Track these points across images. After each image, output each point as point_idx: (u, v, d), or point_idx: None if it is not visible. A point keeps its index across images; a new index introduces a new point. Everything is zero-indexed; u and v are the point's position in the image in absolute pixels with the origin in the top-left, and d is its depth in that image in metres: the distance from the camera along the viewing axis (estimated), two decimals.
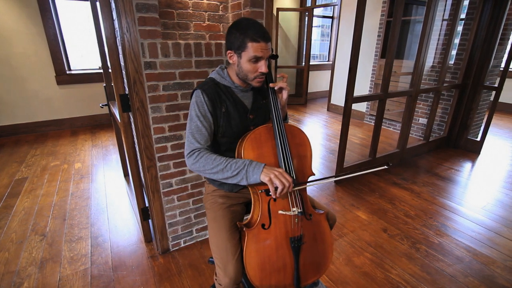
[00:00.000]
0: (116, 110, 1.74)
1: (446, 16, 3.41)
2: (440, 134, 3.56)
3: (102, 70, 2.29)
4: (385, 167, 1.00)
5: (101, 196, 2.39)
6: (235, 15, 1.64)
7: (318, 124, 4.56)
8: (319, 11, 6.29)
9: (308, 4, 5.58)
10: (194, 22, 1.64)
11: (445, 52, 3.01)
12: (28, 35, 3.55)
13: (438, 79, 3.10)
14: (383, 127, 4.23)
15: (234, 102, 1.09)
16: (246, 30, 0.96)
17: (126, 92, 1.48)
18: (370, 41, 4.18)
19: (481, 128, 3.54)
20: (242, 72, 1.02)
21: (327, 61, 6.81)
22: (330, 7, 6.15)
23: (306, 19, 5.47)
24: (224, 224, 1.08)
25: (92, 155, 3.22)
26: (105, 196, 2.39)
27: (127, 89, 1.45)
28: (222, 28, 1.73)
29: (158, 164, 1.54)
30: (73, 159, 3.10)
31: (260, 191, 1.00)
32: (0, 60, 3.47)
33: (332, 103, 5.25)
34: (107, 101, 2.27)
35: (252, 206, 1.05)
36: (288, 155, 1.02)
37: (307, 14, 5.42)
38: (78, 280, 1.56)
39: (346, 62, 4.66)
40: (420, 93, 2.89)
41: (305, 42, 5.66)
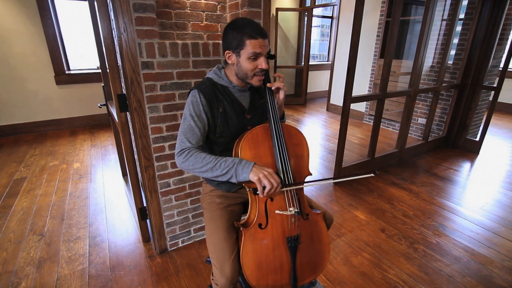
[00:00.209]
0: (114, 110, 1.74)
1: (445, 16, 3.41)
2: (439, 134, 3.56)
3: (101, 70, 2.29)
4: (371, 175, 1.01)
5: (99, 196, 2.39)
6: (233, 15, 1.64)
7: (317, 124, 4.56)
8: (318, 11, 6.30)
9: (308, 4, 5.57)
10: (192, 22, 1.64)
11: (444, 52, 3.01)
12: (27, 35, 3.55)
13: (437, 79, 3.10)
14: (382, 127, 4.23)
15: (231, 102, 1.08)
16: (243, 29, 0.96)
17: (124, 92, 1.48)
18: (369, 41, 4.18)
19: (480, 128, 3.54)
20: (242, 71, 1.02)
21: (326, 61, 6.82)
22: (330, 7, 6.15)
23: (306, 19, 5.47)
24: (221, 224, 1.08)
25: (91, 155, 3.22)
26: (103, 196, 2.39)
27: (124, 89, 1.45)
28: (220, 28, 1.73)
29: (156, 164, 1.54)
30: (72, 159, 3.10)
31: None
32: None
33: (332, 103, 5.26)
34: (106, 101, 2.27)
35: (249, 205, 1.06)
36: (285, 155, 1.02)
37: (306, 14, 5.43)
38: (76, 280, 1.56)
39: (345, 62, 4.65)
40: (419, 93, 2.89)
41: (304, 42, 5.66)
